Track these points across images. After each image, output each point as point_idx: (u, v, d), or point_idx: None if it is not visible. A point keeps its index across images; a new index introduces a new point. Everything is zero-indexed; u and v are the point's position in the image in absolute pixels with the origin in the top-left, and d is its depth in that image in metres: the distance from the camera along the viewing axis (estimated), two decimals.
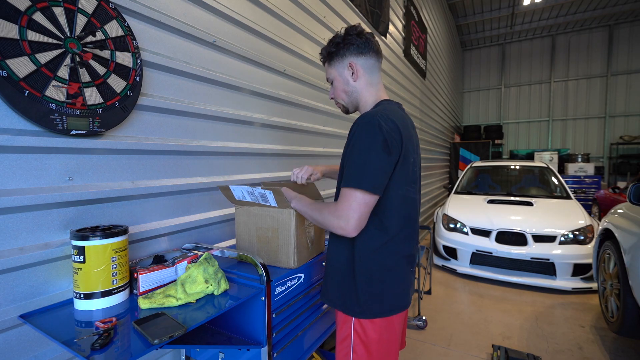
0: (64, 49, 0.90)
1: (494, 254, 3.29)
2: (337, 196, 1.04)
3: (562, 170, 8.90)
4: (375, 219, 0.93)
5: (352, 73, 1.03)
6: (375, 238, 0.94)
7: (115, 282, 0.88)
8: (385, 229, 0.94)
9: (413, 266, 1.04)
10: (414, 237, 1.02)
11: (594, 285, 2.94)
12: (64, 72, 0.89)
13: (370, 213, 0.91)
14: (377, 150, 0.87)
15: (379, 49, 1.06)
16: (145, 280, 0.95)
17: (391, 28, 3.84)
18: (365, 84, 1.04)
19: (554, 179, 4.42)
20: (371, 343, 0.96)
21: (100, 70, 0.98)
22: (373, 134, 0.87)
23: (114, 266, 0.87)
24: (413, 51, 4.72)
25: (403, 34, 4.35)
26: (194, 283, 0.92)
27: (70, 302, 0.89)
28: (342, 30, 1.03)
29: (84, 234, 0.84)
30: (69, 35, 0.91)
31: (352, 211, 0.87)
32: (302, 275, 1.20)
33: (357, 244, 0.96)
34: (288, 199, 1.10)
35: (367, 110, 1.00)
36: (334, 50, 1.04)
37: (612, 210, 2.55)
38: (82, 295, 0.84)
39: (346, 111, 1.13)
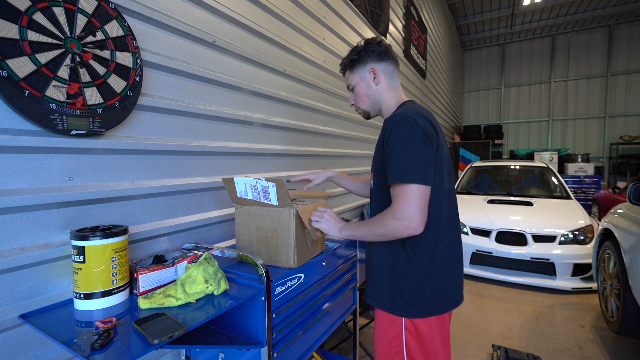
0: (64, 49, 0.90)
1: (493, 254, 3.29)
2: (372, 201, 1.10)
3: (562, 170, 8.90)
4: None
5: (374, 77, 1.09)
6: (425, 234, 0.93)
7: (115, 282, 0.88)
8: (434, 222, 0.94)
9: (461, 257, 1.05)
10: (458, 225, 1.04)
11: (593, 285, 2.94)
12: (64, 72, 0.89)
13: None
14: (418, 143, 0.89)
15: (397, 57, 1.14)
16: (145, 280, 0.95)
17: (391, 28, 3.84)
18: (387, 87, 1.10)
19: (554, 179, 4.42)
20: (426, 341, 0.97)
21: (101, 70, 0.98)
22: (411, 128, 0.90)
23: (114, 266, 0.87)
24: (413, 51, 4.72)
25: (403, 34, 4.35)
26: (193, 283, 0.92)
27: (70, 302, 0.89)
28: (362, 42, 1.12)
29: (84, 234, 0.84)
30: (69, 35, 0.91)
31: (412, 207, 0.86)
32: (302, 275, 1.20)
33: (407, 241, 0.96)
34: (335, 229, 1.10)
35: (392, 112, 1.07)
36: (356, 58, 1.10)
37: (612, 210, 2.55)
38: (82, 295, 0.84)
39: (367, 116, 1.17)
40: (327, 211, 1.15)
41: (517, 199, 3.97)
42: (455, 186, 4.76)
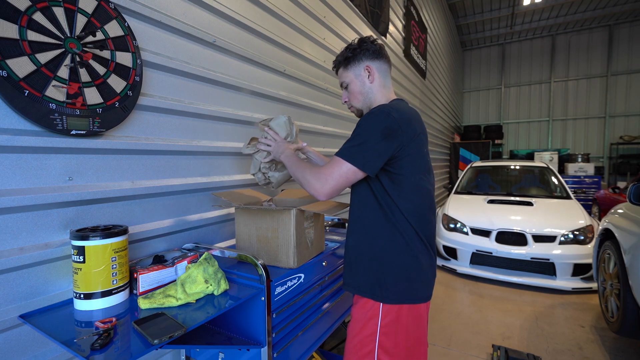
0: (64, 49, 0.89)
1: (494, 254, 3.29)
2: (352, 188, 1.11)
3: (562, 170, 8.90)
4: (394, 206, 0.97)
5: (369, 75, 1.10)
6: (400, 226, 0.97)
7: (115, 282, 0.88)
8: (406, 217, 0.97)
9: (434, 256, 1.05)
10: (432, 226, 1.05)
11: (594, 285, 2.94)
12: (64, 72, 0.89)
13: (390, 200, 0.97)
14: (376, 134, 0.92)
15: (389, 57, 1.16)
16: (145, 280, 0.95)
17: (391, 28, 3.84)
18: (380, 85, 1.11)
19: (554, 179, 4.42)
20: (400, 328, 0.98)
21: (100, 70, 0.98)
22: (378, 119, 0.94)
23: (114, 266, 0.87)
24: (413, 51, 4.72)
25: (403, 34, 4.35)
26: (193, 283, 0.92)
27: (70, 302, 0.89)
28: (356, 40, 1.13)
29: (84, 234, 0.84)
30: (69, 35, 0.91)
31: (331, 178, 0.93)
32: (302, 275, 1.20)
33: (382, 231, 0.99)
34: (278, 151, 1.19)
35: None
36: (350, 55, 1.11)
37: (612, 210, 2.55)
38: (82, 295, 0.84)
39: (360, 114, 1.17)
40: (277, 135, 1.25)
41: (517, 199, 3.97)
42: (456, 186, 4.76)
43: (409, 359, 1.01)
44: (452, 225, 3.67)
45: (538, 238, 3.19)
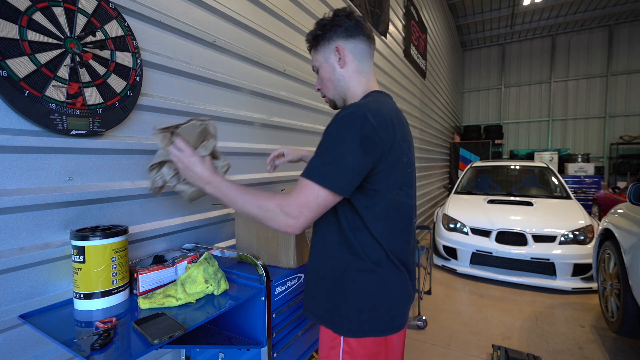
0: (64, 49, 0.89)
1: (494, 254, 3.29)
2: None
3: (562, 170, 8.90)
4: (363, 226, 0.81)
5: (340, 59, 0.90)
6: (366, 248, 0.81)
7: (115, 282, 0.88)
8: (377, 238, 0.81)
9: (411, 279, 0.90)
10: (409, 246, 0.89)
11: (594, 285, 2.94)
12: (64, 72, 0.89)
13: (359, 220, 0.80)
14: (353, 146, 0.73)
15: (371, 34, 0.93)
16: (145, 280, 0.95)
17: (391, 28, 3.84)
18: (354, 71, 0.91)
19: (554, 179, 4.42)
20: None
21: (100, 70, 0.98)
22: (353, 126, 0.74)
23: (114, 266, 0.87)
24: (413, 51, 4.72)
25: (403, 34, 4.34)
26: (194, 283, 0.92)
27: (70, 302, 0.89)
28: (330, 13, 0.92)
29: (83, 234, 0.84)
30: (69, 35, 0.91)
31: (307, 210, 0.73)
32: (302, 275, 1.20)
33: (345, 254, 0.83)
34: (197, 179, 0.83)
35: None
36: (320, 33, 0.91)
37: (612, 210, 2.55)
38: (82, 295, 0.84)
39: (333, 105, 0.99)
40: (187, 154, 0.85)
41: (517, 199, 3.97)
42: (456, 186, 4.76)
43: None
44: (452, 225, 3.67)
45: (538, 238, 3.19)
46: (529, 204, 3.75)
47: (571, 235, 3.12)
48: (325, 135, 0.77)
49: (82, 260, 0.83)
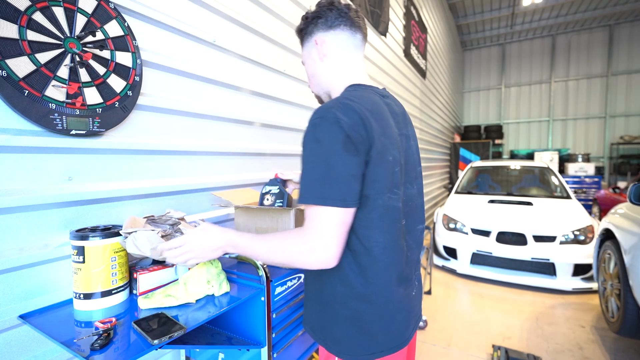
0: (63, 49, 0.89)
1: (494, 254, 3.29)
2: None
3: (562, 170, 8.90)
4: (357, 242, 0.73)
5: (320, 52, 0.84)
6: (354, 264, 0.73)
7: (114, 282, 0.88)
8: (368, 254, 0.73)
9: (408, 290, 0.81)
10: (403, 254, 0.78)
11: (594, 285, 2.94)
12: (63, 72, 0.89)
13: (352, 235, 0.72)
14: (337, 151, 0.65)
15: (358, 22, 0.85)
16: (145, 281, 0.95)
17: (391, 28, 3.84)
18: (336, 64, 0.84)
19: (554, 179, 4.42)
20: None
21: (100, 70, 0.98)
22: (329, 131, 0.66)
23: (114, 266, 0.87)
24: (413, 51, 4.72)
25: (403, 34, 4.34)
26: (196, 283, 0.92)
27: (69, 302, 0.89)
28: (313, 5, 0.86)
29: (83, 234, 0.84)
30: (68, 35, 0.91)
31: (327, 237, 0.66)
32: (302, 276, 1.20)
33: (334, 278, 0.76)
34: (216, 249, 0.77)
35: None
36: (303, 27, 0.86)
37: (613, 210, 2.55)
38: (81, 296, 0.84)
39: (320, 102, 0.92)
40: (186, 241, 0.78)
41: (518, 199, 3.97)
42: (456, 186, 4.76)
43: None
44: (452, 226, 3.67)
45: (538, 238, 3.18)
46: (529, 204, 3.75)
47: (571, 236, 3.12)
48: (305, 151, 0.70)
49: (81, 260, 0.83)
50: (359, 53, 0.86)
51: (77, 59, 0.92)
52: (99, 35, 0.98)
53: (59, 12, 0.89)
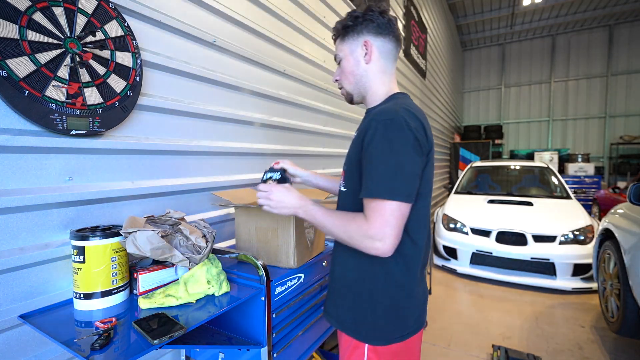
0: (63, 49, 0.89)
1: (494, 254, 3.29)
2: (342, 204, 0.92)
3: (562, 170, 8.90)
4: (404, 233, 0.80)
5: (366, 54, 0.89)
6: (397, 254, 0.79)
7: (115, 282, 0.88)
8: (412, 244, 0.82)
9: (424, 277, 0.93)
10: (429, 248, 0.92)
11: (594, 285, 2.94)
12: (64, 72, 0.89)
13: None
14: (408, 151, 0.74)
15: (400, 36, 0.93)
16: (145, 281, 0.95)
17: None
18: (378, 70, 0.91)
19: (554, 179, 4.42)
20: None
21: (100, 70, 0.98)
22: (401, 131, 0.74)
23: (114, 266, 0.87)
24: (413, 51, 4.72)
25: (403, 34, 4.34)
26: (196, 283, 0.92)
27: (70, 302, 0.89)
28: (363, 6, 0.92)
29: (83, 234, 0.84)
30: (69, 35, 0.91)
31: (389, 228, 0.73)
32: (302, 275, 1.20)
33: (378, 263, 0.83)
34: (290, 208, 0.88)
35: (379, 103, 0.90)
36: (350, 25, 0.90)
37: (612, 210, 2.55)
38: (81, 296, 0.84)
39: (350, 99, 0.99)
40: (272, 190, 0.90)
41: (518, 199, 3.97)
42: (456, 186, 4.76)
43: None
44: (452, 225, 3.67)
45: (538, 238, 3.19)
46: (529, 204, 3.75)
47: (571, 235, 3.12)
48: (374, 148, 0.76)
49: (82, 260, 0.83)
50: (395, 64, 0.95)
51: (78, 59, 0.92)
52: (99, 36, 0.98)
53: (59, 12, 0.89)
